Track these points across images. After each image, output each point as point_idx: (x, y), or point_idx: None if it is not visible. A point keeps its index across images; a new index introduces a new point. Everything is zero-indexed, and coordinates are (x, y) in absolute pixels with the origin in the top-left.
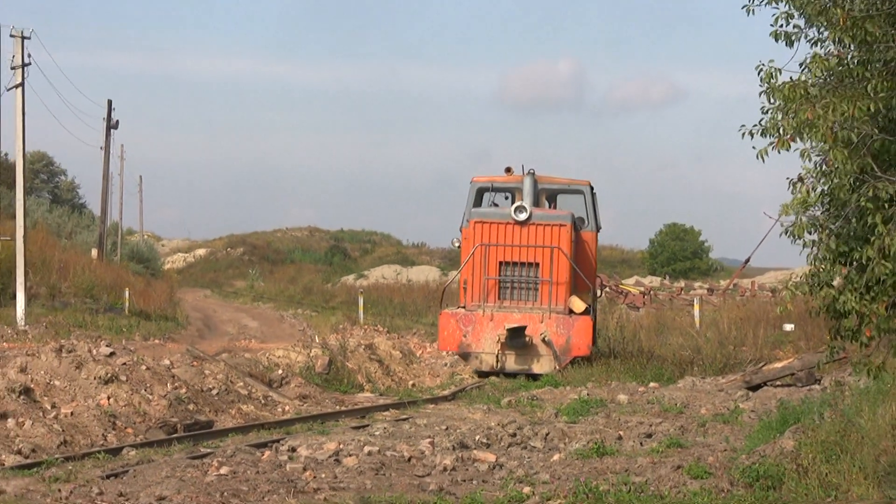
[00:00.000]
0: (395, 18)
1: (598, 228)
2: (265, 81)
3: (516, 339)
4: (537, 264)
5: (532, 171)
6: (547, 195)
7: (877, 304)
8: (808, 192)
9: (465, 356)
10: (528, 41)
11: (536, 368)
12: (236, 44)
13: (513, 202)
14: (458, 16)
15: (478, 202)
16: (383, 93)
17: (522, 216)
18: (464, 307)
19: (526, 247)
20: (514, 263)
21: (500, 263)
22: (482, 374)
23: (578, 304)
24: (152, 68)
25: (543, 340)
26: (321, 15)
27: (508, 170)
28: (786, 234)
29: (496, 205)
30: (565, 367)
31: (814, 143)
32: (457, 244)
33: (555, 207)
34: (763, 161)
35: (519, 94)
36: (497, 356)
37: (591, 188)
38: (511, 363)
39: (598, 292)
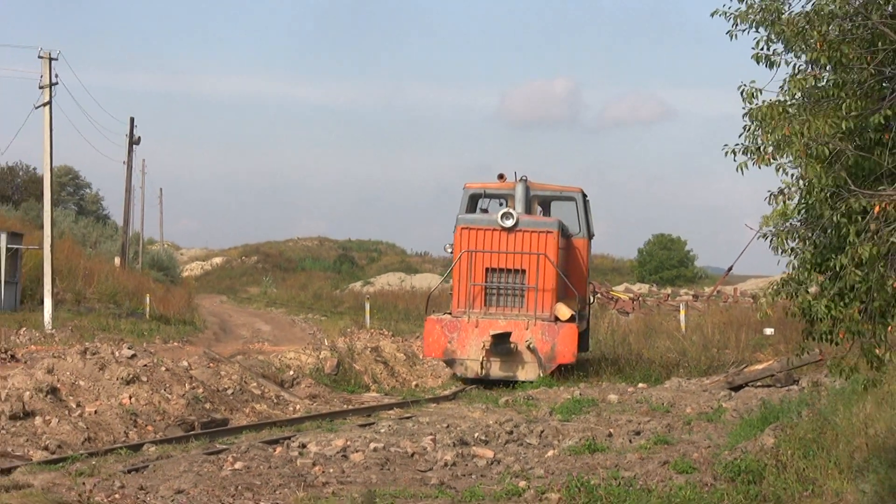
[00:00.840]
0: (402, 40)
1: (590, 236)
2: (279, 100)
3: (501, 345)
4: (524, 271)
5: (524, 178)
6: (539, 202)
7: (850, 308)
8: (786, 204)
9: (449, 362)
10: (526, 62)
11: (521, 376)
12: (252, 64)
13: (494, 207)
14: (461, 38)
15: (471, 208)
16: (390, 111)
17: (509, 223)
18: (450, 313)
19: (512, 253)
20: (501, 270)
21: (487, 270)
22: (468, 382)
23: (564, 312)
24: (173, 87)
25: (528, 348)
26: (332, 37)
27: (501, 176)
28: (769, 243)
29: (485, 211)
30: (550, 375)
31: (791, 158)
32: (449, 250)
33: (549, 215)
34: (743, 174)
35: (518, 111)
36: (481, 363)
37: (584, 195)
38: (496, 370)
39: (591, 299)
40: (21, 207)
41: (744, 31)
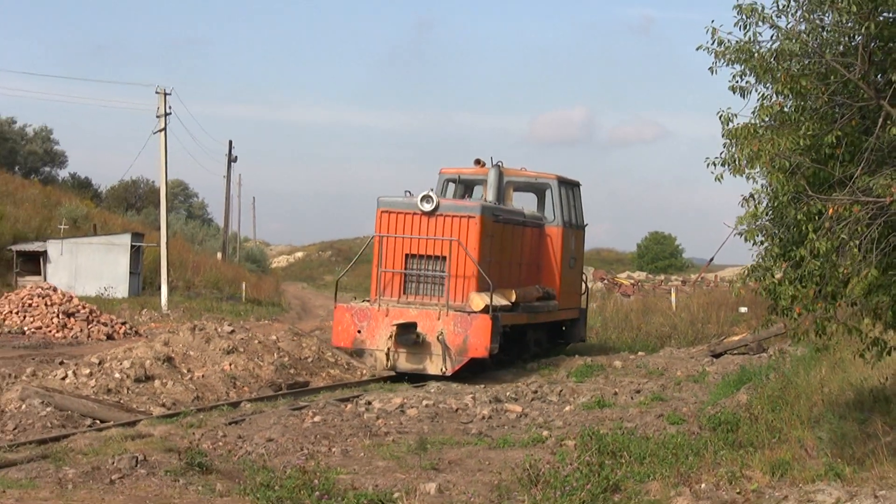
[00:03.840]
0: (450, 77)
1: (572, 224)
2: (352, 125)
3: (405, 336)
4: (444, 258)
5: (499, 164)
6: (515, 188)
7: (807, 289)
8: (756, 206)
9: (359, 353)
10: (551, 94)
11: (431, 369)
12: (331, 97)
13: (480, 194)
14: (498, 75)
15: (446, 193)
16: (440, 133)
17: (428, 206)
18: (368, 300)
19: (428, 239)
20: (422, 256)
21: (407, 256)
22: (393, 375)
23: (478, 302)
24: (265, 116)
25: (438, 339)
26: (395, 76)
27: (478, 161)
28: (742, 238)
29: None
30: (459, 371)
31: (760, 170)
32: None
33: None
34: (721, 182)
35: (544, 133)
36: (387, 354)
37: (561, 182)
38: (403, 362)
39: (585, 288)
40: (142, 213)
41: (722, 66)
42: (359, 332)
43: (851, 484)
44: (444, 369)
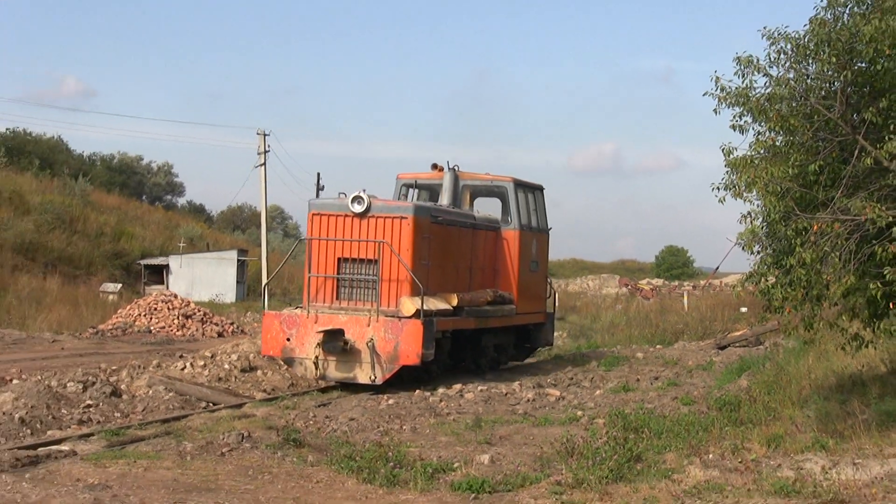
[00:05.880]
0: (502, 117)
1: (526, 228)
2: (418, 159)
3: (332, 343)
4: (376, 261)
5: (454, 168)
6: (472, 192)
7: (796, 292)
8: (753, 223)
9: (289, 362)
10: (586, 131)
11: (361, 377)
12: (402, 134)
13: (436, 199)
14: (541, 115)
15: (403, 199)
16: (491, 164)
17: (359, 207)
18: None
19: (359, 241)
20: (354, 260)
21: (340, 260)
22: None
23: (408, 307)
24: (348, 152)
25: (367, 346)
26: (456, 116)
27: (435, 166)
28: (742, 249)
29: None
30: (390, 379)
31: (755, 193)
32: None
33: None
34: (723, 204)
35: (579, 164)
36: (315, 362)
37: (518, 185)
38: (332, 370)
39: (550, 291)
40: (246, 233)
41: (724, 108)
42: (288, 339)
43: (834, 454)
44: (373, 377)
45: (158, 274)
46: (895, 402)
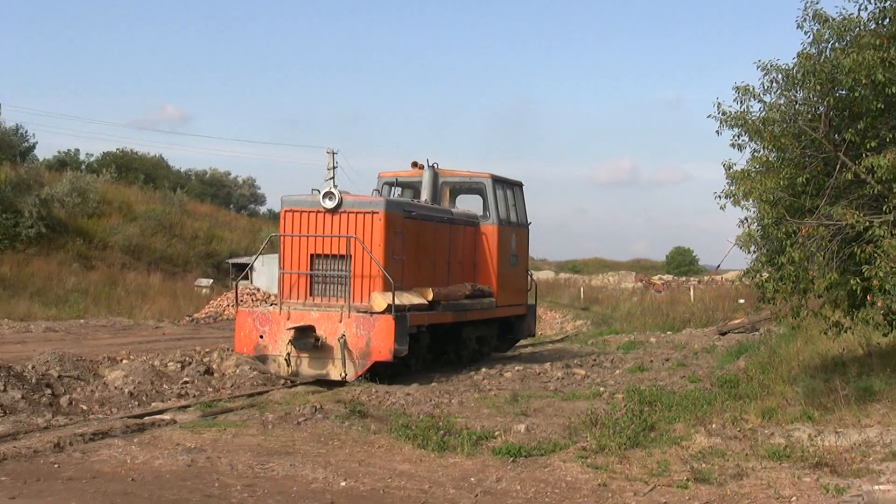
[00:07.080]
0: (536, 136)
1: (505, 222)
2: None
3: (302, 340)
4: (348, 257)
5: (434, 165)
6: (452, 188)
7: (786, 286)
8: (750, 227)
9: (262, 359)
10: (607, 147)
11: (334, 374)
12: (456, 152)
13: (416, 196)
14: (568, 134)
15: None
16: (527, 178)
17: (331, 203)
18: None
19: (330, 237)
20: (326, 256)
21: (312, 256)
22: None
23: (380, 302)
24: (406, 166)
25: (339, 342)
26: (500, 135)
27: (415, 164)
28: (740, 249)
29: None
30: (363, 375)
31: (752, 202)
32: None
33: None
34: (724, 210)
35: (600, 177)
36: (287, 359)
37: (496, 181)
38: (305, 367)
39: (531, 285)
40: None
41: (725, 129)
42: (261, 337)
43: (819, 424)
44: (343, 374)
45: (244, 271)
46: (871, 379)
